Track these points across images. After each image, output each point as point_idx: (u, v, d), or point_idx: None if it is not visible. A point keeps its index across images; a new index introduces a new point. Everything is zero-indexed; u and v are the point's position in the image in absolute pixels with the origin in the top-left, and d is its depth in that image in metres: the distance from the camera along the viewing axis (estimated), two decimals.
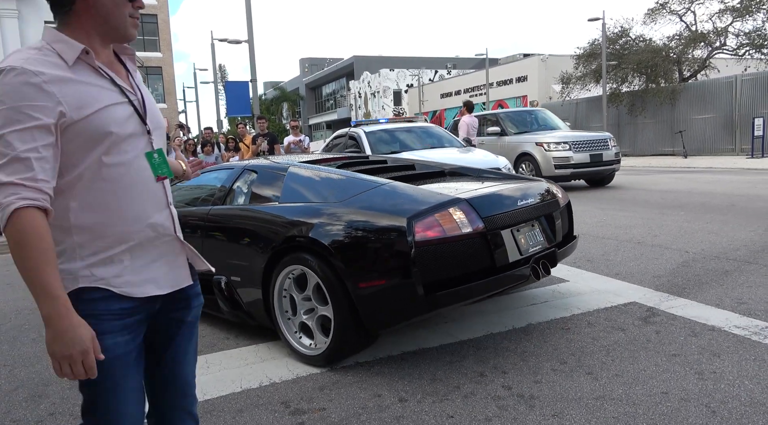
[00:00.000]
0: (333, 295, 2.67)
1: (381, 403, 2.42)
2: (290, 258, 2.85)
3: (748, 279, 3.91)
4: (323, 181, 3.12)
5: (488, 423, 2.19)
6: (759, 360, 2.59)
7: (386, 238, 2.55)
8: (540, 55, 29.99)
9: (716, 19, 20.82)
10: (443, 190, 3.00)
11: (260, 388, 2.66)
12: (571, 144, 9.99)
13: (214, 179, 3.89)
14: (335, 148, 9.29)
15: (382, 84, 46.37)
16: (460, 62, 50.47)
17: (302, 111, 63.47)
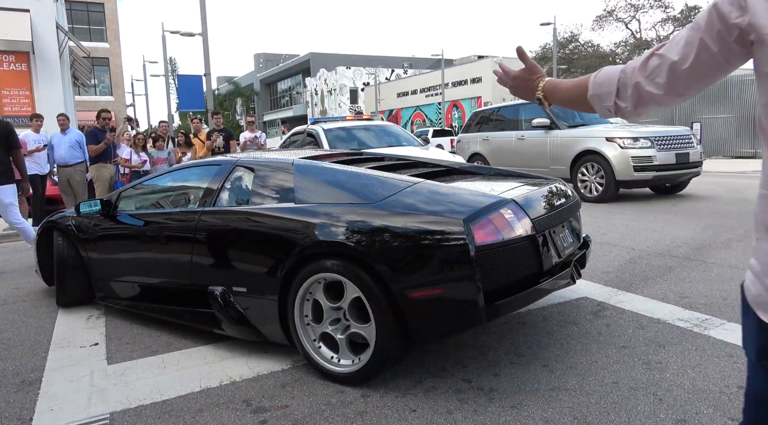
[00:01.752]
0: (376, 307, 2.37)
1: (344, 399, 2.43)
2: (318, 266, 2.52)
3: (689, 274, 4.14)
4: (347, 179, 2.78)
5: (450, 416, 2.24)
6: (700, 351, 2.76)
7: (441, 242, 2.30)
8: (494, 56, 30.63)
9: (659, 28, 21.88)
10: (479, 190, 2.77)
11: (220, 387, 2.62)
12: (654, 140, 7.86)
13: (194, 177, 3.54)
14: (293, 145, 9.22)
15: (338, 82, 46.19)
16: (417, 62, 50.91)
17: (257, 107, 62.41)
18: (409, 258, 2.33)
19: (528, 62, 1.35)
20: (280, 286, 2.65)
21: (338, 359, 2.58)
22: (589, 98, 1.15)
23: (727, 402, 2.25)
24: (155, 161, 8.75)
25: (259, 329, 2.86)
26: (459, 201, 2.48)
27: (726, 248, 4.94)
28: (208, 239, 3.04)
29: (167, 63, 24.93)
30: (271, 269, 2.68)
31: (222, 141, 9.05)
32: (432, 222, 2.35)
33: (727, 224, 6.07)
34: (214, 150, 9.05)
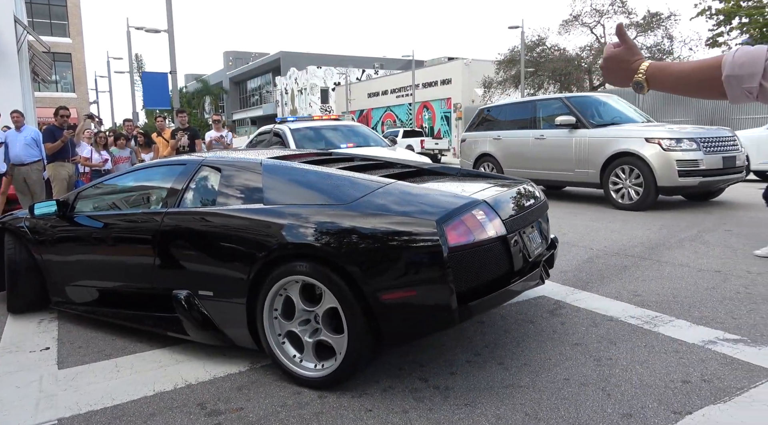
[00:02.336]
0: (348, 309, 2.33)
1: (300, 400, 2.43)
2: (289, 269, 2.47)
3: (643, 273, 4.27)
4: (317, 179, 2.72)
5: (405, 415, 2.26)
6: (649, 347, 2.85)
7: (414, 244, 2.28)
8: (464, 59, 30.94)
9: None
10: (450, 191, 2.77)
11: (175, 390, 2.58)
12: (699, 141, 7.02)
13: (157, 177, 3.44)
14: (260, 145, 9.13)
15: (309, 81, 45.92)
16: (387, 62, 51.00)
17: (226, 105, 61.55)
18: (381, 260, 2.31)
19: (629, 42, 1.25)
20: (248, 289, 2.59)
21: (301, 359, 2.57)
22: (725, 79, 1.08)
23: (671, 396, 2.33)
24: (116, 160, 8.55)
25: (226, 333, 2.79)
26: (431, 202, 2.46)
27: (679, 247, 5.12)
28: (173, 241, 2.94)
29: (132, 59, 24.36)
30: (239, 272, 2.62)
31: (187, 140, 8.89)
32: (404, 224, 2.32)
33: (681, 224, 6.28)
34: (179, 149, 8.90)
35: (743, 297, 3.61)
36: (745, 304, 3.47)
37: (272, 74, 54.06)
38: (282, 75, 50.16)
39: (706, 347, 2.83)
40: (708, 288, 3.85)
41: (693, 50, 24.94)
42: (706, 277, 4.10)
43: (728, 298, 3.61)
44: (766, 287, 3.81)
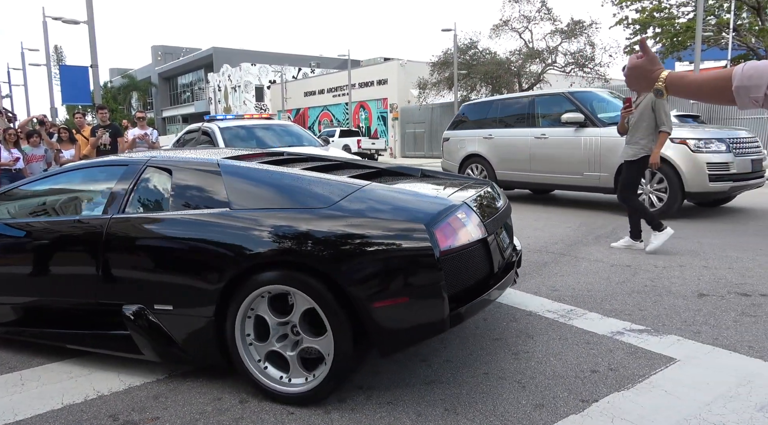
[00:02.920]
0: (334, 318, 2.22)
1: (220, 406, 2.37)
2: (265, 277, 2.31)
3: (561, 269, 4.49)
4: (289, 181, 2.55)
5: (327, 416, 2.26)
6: (563, 339, 3.00)
7: (405, 248, 2.18)
8: (399, 59, 31.26)
9: (548, 39, 23.45)
10: (427, 193, 2.69)
11: (85, 402, 2.45)
12: (729, 142, 6.47)
13: (92, 179, 3.12)
14: (187, 144, 8.82)
15: (243, 78, 44.85)
16: (324, 61, 50.69)
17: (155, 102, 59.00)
18: (371, 267, 2.19)
19: (650, 54, 1.40)
20: (217, 302, 2.39)
21: (289, 378, 2.39)
22: (735, 90, 1.23)
23: (580, 386, 2.47)
24: (29, 159, 7.99)
25: (188, 352, 2.56)
26: (413, 204, 2.37)
27: (595, 244, 5.42)
28: (120, 250, 2.64)
29: (49, 52, 22.86)
30: (206, 283, 2.39)
31: (108, 138, 8.46)
32: (393, 228, 2.22)
33: (598, 222, 6.65)
34: (100, 147, 8.45)
35: (649, 290, 3.87)
36: (651, 297, 3.73)
37: (204, 70, 52.35)
38: (215, 71, 48.70)
39: (614, 338, 3.01)
40: (619, 282, 4.10)
41: (612, 57, 26.50)
42: (617, 272, 4.37)
43: (636, 291, 3.86)
44: (669, 280, 4.11)
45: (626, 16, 21.89)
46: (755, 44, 20.10)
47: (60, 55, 55.22)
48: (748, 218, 6.67)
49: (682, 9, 21.08)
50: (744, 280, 4.04)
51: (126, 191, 2.82)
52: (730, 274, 4.21)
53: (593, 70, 22.82)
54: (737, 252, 4.89)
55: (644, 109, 4.89)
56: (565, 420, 2.19)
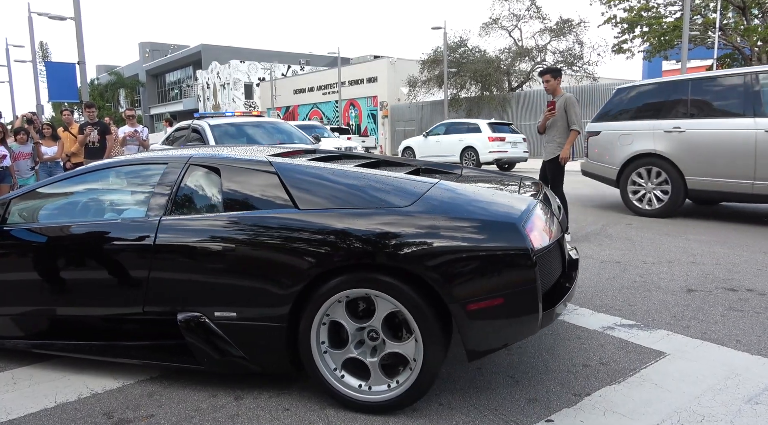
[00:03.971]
0: (423, 324, 2.12)
1: (216, 403, 2.37)
2: (347, 280, 2.18)
3: None
4: (358, 180, 2.42)
5: (323, 412, 2.27)
6: (555, 335, 3.04)
7: (500, 248, 2.09)
8: (389, 57, 31.24)
9: (538, 37, 23.57)
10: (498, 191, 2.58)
11: (79, 401, 2.44)
12: None
13: (125, 179, 2.94)
14: (177, 141, 8.77)
15: (232, 75, 44.57)
16: (313, 59, 50.53)
17: (143, 99, 58.48)
18: (465, 268, 2.09)
19: None
20: (291, 308, 2.26)
21: (369, 386, 2.28)
22: None
23: (573, 380, 2.50)
24: (16, 156, 7.90)
25: (254, 361, 2.41)
26: (497, 202, 2.29)
27: (585, 240, 5.47)
28: (175, 254, 2.44)
29: (35, 48, 22.56)
30: (278, 288, 2.26)
31: (97, 135, 8.38)
32: (483, 226, 2.13)
33: (588, 219, 6.71)
34: (88, 145, 8.37)
35: (639, 286, 3.92)
36: (641, 292, 3.78)
37: (193, 67, 51.94)
38: (203, 68, 48.33)
39: (605, 333, 3.05)
40: (609, 278, 4.14)
41: (601, 55, 26.72)
42: (607, 268, 4.42)
43: (626, 287, 3.91)
44: (658, 276, 4.16)
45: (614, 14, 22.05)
46: (741, 43, 20.35)
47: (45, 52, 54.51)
48: (733, 215, 6.77)
49: (669, 8, 21.26)
50: (731, 275, 4.10)
51: (171, 191, 2.63)
52: (717, 270, 4.27)
53: (582, 68, 22.96)
54: (724, 248, 4.97)
55: (559, 110, 5.40)
56: (558, 413, 2.22)
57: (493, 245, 2.10)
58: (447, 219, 2.16)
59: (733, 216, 6.68)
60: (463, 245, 2.11)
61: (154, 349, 2.62)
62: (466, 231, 2.13)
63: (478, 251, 2.10)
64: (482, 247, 2.10)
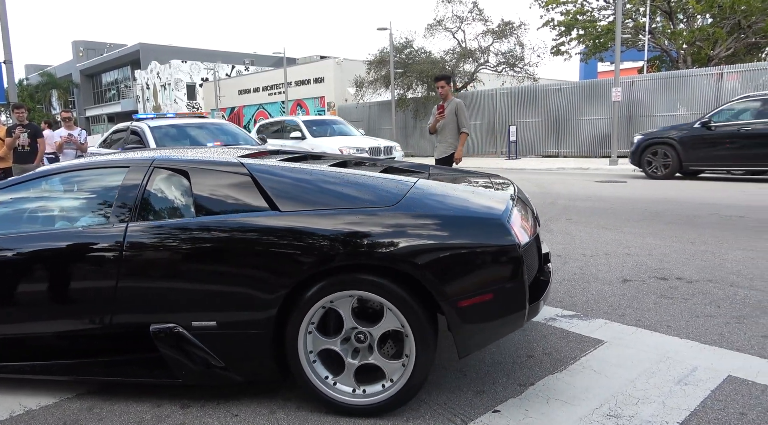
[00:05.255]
0: (415, 322, 2.11)
1: (160, 413, 2.30)
2: (333, 284, 2.15)
3: None
4: (338, 180, 2.39)
5: (272, 416, 2.25)
6: None
7: (489, 244, 2.11)
8: (335, 58, 31.15)
9: (480, 39, 24.11)
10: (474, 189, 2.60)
11: (11, 419, 2.31)
12: None
13: (77, 184, 2.74)
14: (115, 144, 8.43)
15: (173, 76, 43.18)
16: (258, 59, 49.66)
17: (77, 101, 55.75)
18: (455, 265, 2.10)
19: None
20: (276, 313, 2.19)
21: (334, 381, 2.26)
22: None
23: (518, 370, 2.59)
24: None
25: (237, 370, 2.31)
26: (479, 199, 2.34)
27: None
28: (145, 263, 2.30)
29: None
30: (262, 294, 2.18)
31: (27, 138, 7.92)
32: (470, 224, 2.15)
33: None
34: (17, 149, 7.90)
35: (578, 278, 4.10)
36: (580, 284, 3.95)
37: (131, 67, 49.96)
38: (142, 68, 46.58)
39: (548, 324, 3.17)
40: (551, 271, 4.30)
41: (540, 57, 27.62)
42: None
43: (567, 279, 4.07)
44: (596, 268, 4.36)
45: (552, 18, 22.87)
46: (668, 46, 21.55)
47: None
48: (665, 207, 7.17)
49: (602, 12, 22.26)
50: (662, 265, 4.35)
51: (136, 196, 2.47)
52: (649, 260, 4.52)
53: (523, 69, 23.66)
54: (656, 240, 5.25)
55: (450, 113, 6.10)
56: (505, 403, 2.29)
57: (481, 241, 2.12)
58: (434, 218, 2.17)
59: (664, 209, 7.08)
60: (452, 242, 2.12)
61: (125, 365, 2.45)
62: (454, 228, 2.15)
63: (467, 248, 2.11)
64: (470, 244, 2.12)
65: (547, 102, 18.93)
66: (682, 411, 2.18)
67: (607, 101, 16.63)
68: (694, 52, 20.56)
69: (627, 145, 16.94)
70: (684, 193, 8.57)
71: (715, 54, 19.94)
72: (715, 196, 8.11)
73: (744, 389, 2.34)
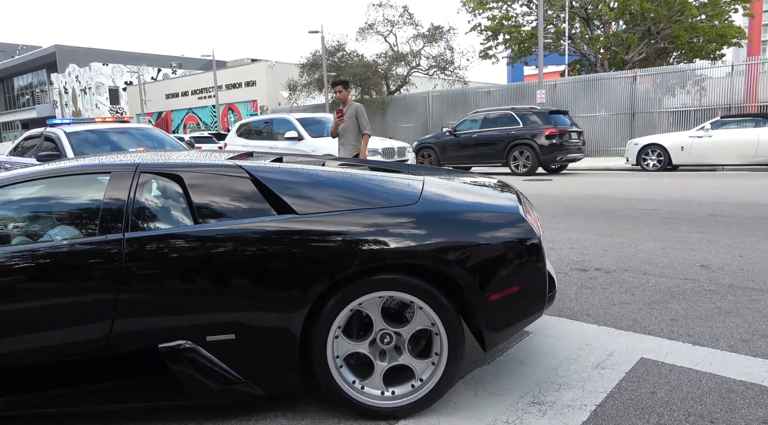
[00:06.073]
0: (447, 320, 2.11)
1: None
2: (363, 285, 2.08)
3: None
4: (350, 181, 2.34)
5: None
6: None
7: (512, 237, 2.18)
8: (267, 61, 30.67)
9: (412, 43, 24.52)
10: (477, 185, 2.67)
11: None
12: None
13: (53, 192, 2.41)
14: (28, 152, 7.89)
15: (94, 79, 40.99)
16: (186, 62, 48.07)
17: None
18: (484, 258, 2.13)
19: None
20: (303, 322, 2.09)
21: (362, 386, 2.19)
22: None
23: None
24: None
25: (256, 384, 2.17)
26: (489, 195, 2.42)
27: None
28: (148, 278, 2.09)
29: None
30: (286, 302, 2.07)
31: None
32: (492, 219, 2.21)
33: None
34: None
35: None
36: None
37: (47, 70, 46.98)
38: (59, 71, 43.91)
39: None
40: None
41: (470, 61, 28.46)
42: None
43: None
44: None
45: (479, 23, 23.61)
46: (587, 51, 22.79)
47: None
48: (587, 203, 7.56)
49: (526, 18, 23.23)
50: (582, 258, 4.58)
51: (125, 204, 2.23)
52: (571, 253, 4.75)
53: (453, 73, 24.28)
54: (577, 234, 5.53)
55: (350, 117, 6.54)
56: None
57: (505, 235, 2.18)
58: (455, 214, 2.19)
59: (585, 204, 7.46)
60: (478, 237, 2.15)
61: (131, 389, 2.21)
62: (476, 223, 2.18)
63: (493, 242, 2.16)
64: (495, 238, 2.17)
65: (477, 104, 19.50)
66: (599, 393, 2.30)
67: (534, 103, 17.37)
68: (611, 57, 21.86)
69: None
70: (605, 188, 9.07)
71: (629, 58, 21.29)
72: (632, 191, 8.64)
73: (654, 369, 2.50)
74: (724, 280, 3.79)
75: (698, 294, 3.53)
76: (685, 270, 4.09)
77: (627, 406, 2.19)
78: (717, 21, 20.78)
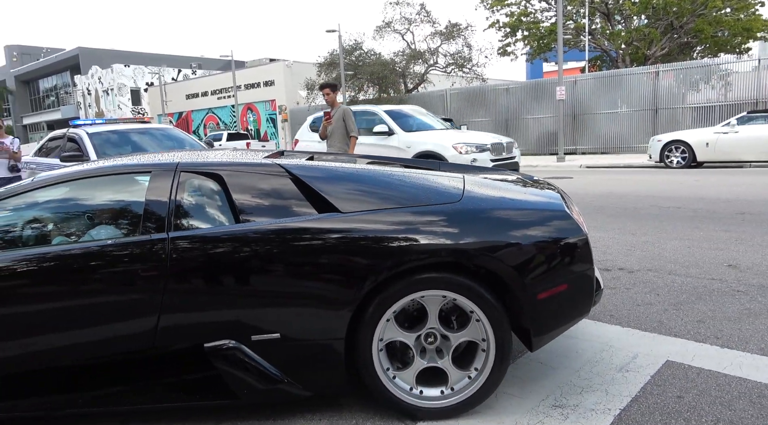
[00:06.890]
0: (493, 319, 2.09)
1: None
2: (409, 284, 2.06)
3: None
4: (392, 179, 2.30)
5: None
6: None
7: (561, 235, 2.15)
8: (285, 60, 30.83)
9: (429, 41, 24.41)
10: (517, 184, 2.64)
11: None
12: None
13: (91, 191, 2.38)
14: (52, 153, 8.03)
15: (116, 80, 41.67)
16: (206, 62, 48.61)
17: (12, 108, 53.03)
18: (533, 256, 2.10)
19: None
20: (348, 320, 2.07)
21: (394, 375, 2.17)
22: None
23: None
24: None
25: (301, 383, 2.15)
26: (536, 193, 2.38)
27: None
28: (194, 278, 2.07)
29: None
30: (334, 301, 2.05)
31: None
32: (539, 216, 2.17)
33: None
34: None
35: None
36: None
37: (71, 72, 47.90)
38: (83, 73, 44.74)
39: None
40: None
41: (488, 58, 28.24)
42: None
43: None
44: None
45: (497, 19, 23.40)
46: (608, 46, 22.42)
47: None
48: (608, 201, 7.43)
49: (545, 14, 22.95)
50: (605, 257, 4.49)
51: (167, 203, 2.22)
52: (594, 253, 4.66)
53: (471, 70, 24.10)
54: (599, 233, 5.43)
55: (338, 120, 6.64)
56: None
57: (552, 233, 2.15)
58: (500, 212, 2.16)
59: (606, 203, 7.33)
60: (526, 235, 2.12)
61: (178, 387, 2.21)
62: (523, 221, 2.15)
63: (541, 239, 2.13)
64: (543, 235, 2.14)
65: (496, 101, 19.34)
66: (623, 397, 2.24)
67: (553, 100, 17.14)
68: (632, 52, 21.48)
69: (572, 142, 17.51)
70: (628, 185, 8.91)
71: (651, 53, 20.89)
72: (655, 188, 8.47)
73: (680, 373, 2.43)
74: (754, 280, 3.68)
75: (726, 294, 3.43)
76: (712, 269, 3.98)
77: (653, 411, 2.13)
78: (742, 14, 20.27)
